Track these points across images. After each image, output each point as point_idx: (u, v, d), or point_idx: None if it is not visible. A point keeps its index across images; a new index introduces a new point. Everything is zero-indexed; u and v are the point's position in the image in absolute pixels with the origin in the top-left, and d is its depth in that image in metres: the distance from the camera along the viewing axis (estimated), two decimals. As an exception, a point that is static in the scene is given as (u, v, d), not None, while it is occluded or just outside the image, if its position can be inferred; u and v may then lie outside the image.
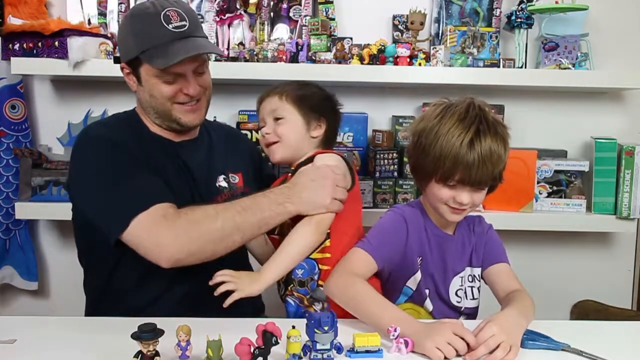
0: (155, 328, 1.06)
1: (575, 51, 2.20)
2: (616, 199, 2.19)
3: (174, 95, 1.51)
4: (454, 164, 1.38)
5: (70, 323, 1.36)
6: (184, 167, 1.57)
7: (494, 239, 1.56)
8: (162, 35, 1.45)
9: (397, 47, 2.09)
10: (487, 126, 1.39)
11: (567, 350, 1.25)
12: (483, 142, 1.37)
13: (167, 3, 1.48)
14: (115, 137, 1.50)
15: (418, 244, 1.49)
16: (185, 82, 1.51)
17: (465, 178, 1.39)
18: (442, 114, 1.43)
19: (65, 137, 2.21)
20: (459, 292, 1.52)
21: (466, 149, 1.37)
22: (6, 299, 2.32)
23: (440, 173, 1.40)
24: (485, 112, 1.42)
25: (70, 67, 2.00)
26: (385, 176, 2.16)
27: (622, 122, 2.38)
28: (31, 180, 2.11)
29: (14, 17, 2.08)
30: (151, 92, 1.52)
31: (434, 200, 1.46)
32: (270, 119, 1.57)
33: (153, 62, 1.45)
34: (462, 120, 1.39)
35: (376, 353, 1.18)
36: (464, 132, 1.38)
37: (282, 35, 2.21)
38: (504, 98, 2.31)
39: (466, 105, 1.42)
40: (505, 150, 1.42)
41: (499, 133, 1.41)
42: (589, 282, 2.37)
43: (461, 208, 1.43)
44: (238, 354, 1.08)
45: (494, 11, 2.27)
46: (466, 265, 1.53)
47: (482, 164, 1.37)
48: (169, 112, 1.53)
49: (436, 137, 1.40)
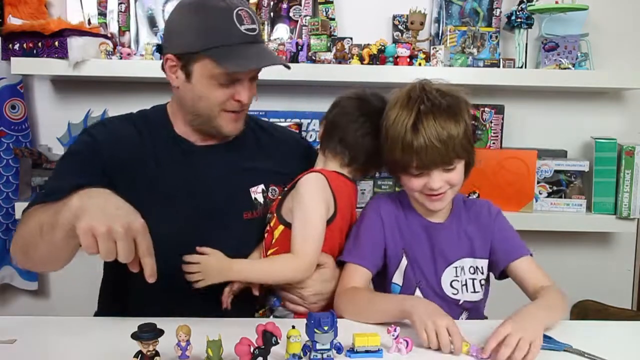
0: (155, 328, 1.06)
1: (575, 51, 2.20)
2: (616, 199, 2.19)
3: (225, 101, 1.42)
4: (404, 152, 1.35)
5: (70, 323, 1.36)
6: (194, 175, 1.47)
7: (505, 228, 1.49)
8: (233, 36, 1.36)
9: (397, 47, 2.09)
10: (431, 106, 1.35)
11: (570, 351, 1.24)
12: (425, 123, 1.34)
13: (237, 1, 1.39)
14: (98, 136, 1.46)
15: (399, 236, 1.47)
16: (240, 89, 1.42)
17: (421, 163, 1.35)
18: (390, 105, 1.41)
19: (65, 137, 2.21)
20: (455, 284, 1.47)
21: (410, 134, 1.34)
22: (6, 299, 2.32)
23: (400, 165, 1.38)
24: (428, 90, 1.38)
25: (70, 67, 2.00)
26: (385, 176, 2.16)
27: (622, 122, 2.38)
28: (31, 180, 2.11)
29: (14, 17, 2.08)
30: (201, 93, 1.42)
31: (409, 192, 1.45)
32: None
33: (222, 63, 1.36)
34: (404, 106, 1.37)
35: (376, 353, 1.18)
36: (407, 118, 1.35)
37: (282, 35, 2.21)
38: (504, 98, 2.31)
39: (408, 89, 1.40)
40: (457, 123, 1.36)
41: (444, 109, 1.36)
42: (589, 282, 2.37)
43: (437, 193, 1.39)
44: (238, 354, 1.07)
45: (494, 11, 2.27)
46: (464, 256, 1.47)
47: (431, 146, 1.33)
48: (213, 118, 1.44)
49: (386, 129, 1.39)
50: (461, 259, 1.48)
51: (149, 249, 1.12)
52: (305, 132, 2.20)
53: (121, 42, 2.18)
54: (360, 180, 1.64)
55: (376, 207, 1.49)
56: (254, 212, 1.50)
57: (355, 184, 1.55)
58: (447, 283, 1.47)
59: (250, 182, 1.52)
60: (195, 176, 1.47)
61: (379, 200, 1.52)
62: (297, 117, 2.20)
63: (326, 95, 2.30)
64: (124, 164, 1.44)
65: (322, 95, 2.30)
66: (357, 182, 1.58)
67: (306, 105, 2.28)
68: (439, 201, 1.42)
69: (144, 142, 1.49)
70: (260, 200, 1.52)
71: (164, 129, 1.51)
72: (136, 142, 1.48)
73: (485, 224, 1.49)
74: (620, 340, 1.36)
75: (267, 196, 1.53)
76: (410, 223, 1.48)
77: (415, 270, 1.47)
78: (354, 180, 1.53)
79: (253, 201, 1.51)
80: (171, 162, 1.48)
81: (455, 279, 1.47)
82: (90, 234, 1.09)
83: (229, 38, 1.36)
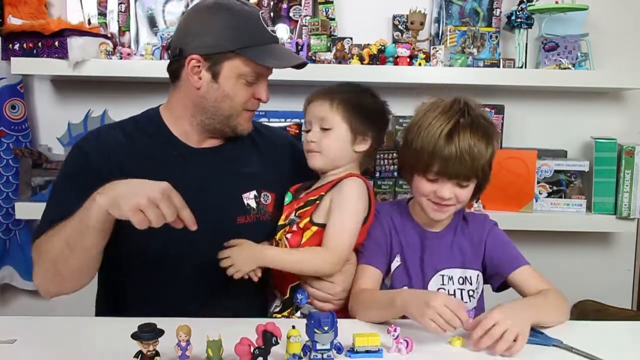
0: (155, 328, 1.06)
1: (575, 51, 2.20)
2: (616, 199, 2.19)
3: (247, 100, 1.48)
4: (431, 156, 1.39)
5: (70, 323, 1.36)
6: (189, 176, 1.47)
7: (501, 241, 1.53)
8: (265, 37, 1.44)
9: (397, 47, 2.09)
10: (470, 120, 1.40)
11: (559, 347, 1.25)
12: (462, 135, 1.38)
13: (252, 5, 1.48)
14: (90, 151, 1.46)
15: (396, 240, 1.51)
16: (261, 88, 1.49)
17: (443, 170, 1.39)
18: (427, 108, 1.45)
19: (65, 137, 2.21)
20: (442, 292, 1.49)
21: (444, 140, 1.38)
22: (6, 299, 2.32)
23: (420, 165, 1.42)
24: (470, 106, 1.43)
25: (70, 67, 2.00)
26: (385, 176, 2.16)
27: (622, 122, 2.38)
28: (31, 180, 2.11)
29: (14, 17, 2.08)
30: (227, 92, 1.45)
31: (417, 195, 1.48)
32: (317, 125, 1.50)
33: (261, 59, 1.42)
34: (444, 113, 1.41)
35: (376, 353, 1.18)
36: (444, 124, 1.39)
37: (282, 35, 2.21)
38: (504, 98, 2.31)
39: (451, 100, 1.44)
40: (487, 146, 1.41)
41: (482, 128, 1.41)
42: (589, 282, 2.37)
43: (443, 203, 1.42)
44: (238, 354, 1.08)
45: (494, 11, 2.27)
46: (454, 266, 1.50)
47: (460, 157, 1.38)
48: (235, 116, 1.48)
49: (419, 130, 1.43)
50: (451, 268, 1.50)
51: (181, 203, 1.22)
52: (305, 132, 2.20)
53: (121, 42, 2.18)
54: None
55: (376, 214, 1.53)
56: (247, 217, 1.51)
57: None
58: (434, 290, 1.49)
59: (243, 188, 1.53)
60: (191, 178, 1.47)
61: (377, 207, 1.56)
62: (297, 117, 2.20)
63: (326, 95, 2.31)
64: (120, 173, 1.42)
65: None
66: None
67: (306, 105, 2.28)
68: (441, 212, 1.45)
69: (136, 147, 1.48)
70: (252, 205, 1.53)
71: (158, 131, 1.52)
72: (128, 149, 1.48)
73: (478, 237, 1.52)
74: (620, 340, 1.36)
75: (260, 201, 1.54)
76: (407, 229, 1.52)
77: (404, 274, 1.50)
78: None
79: (246, 206, 1.52)
80: (166, 163, 1.48)
81: (442, 287, 1.49)
82: (138, 210, 1.17)
83: (261, 38, 1.44)
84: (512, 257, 1.50)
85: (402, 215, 1.54)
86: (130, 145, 1.48)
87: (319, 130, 1.50)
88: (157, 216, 1.18)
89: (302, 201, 1.51)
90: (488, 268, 1.51)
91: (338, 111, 1.48)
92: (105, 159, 1.45)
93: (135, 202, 1.18)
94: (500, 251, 1.51)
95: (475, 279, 1.50)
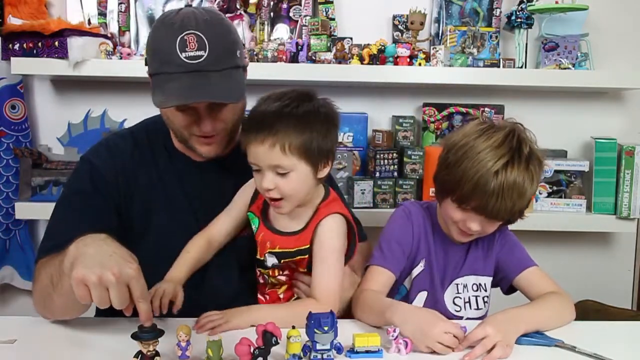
0: (155, 328, 1.06)
1: (575, 51, 2.20)
2: (616, 199, 2.19)
3: (188, 126, 1.36)
4: (473, 190, 1.32)
5: (70, 323, 1.36)
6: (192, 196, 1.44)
7: (510, 244, 1.50)
8: (173, 64, 1.28)
9: (397, 47, 2.09)
10: (519, 160, 1.33)
11: (561, 346, 1.25)
12: (509, 177, 1.31)
13: (192, 22, 1.28)
14: (99, 165, 1.42)
15: (424, 245, 1.48)
16: (200, 118, 1.34)
17: (480, 207, 1.34)
18: (479, 134, 1.36)
19: (65, 137, 2.21)
20: (457, 301, 1.49)
21: (489, 177, 1.30)
22: (6, 299, 2.32)
23: (457, 194, 1.35)
24: (523, 144, 1.35)
25: (70, 67, 1.99)
26: (385, 176, 2.16)
27: (622, 122, 2.38)
28: (31, 180, 2.11)
29: (14, 17, 2.08)
30: (166, 115, 1.39)
31: (445, 217, 1.44)
32: (270, 171, 1.28)
33: (154, 96, 1.31)
34: (496, 148, 1.33)
35: (376, 353, 1.18)
36: (493, 160, 1.31)
37: (282, 35, 2.21)
38: (504, 98, 2.31)
39: (506, 133, 1.35)
40: (532, 187, 1.35)
41: (530, 170, 1.34)
42: (589, 282, 2.37)
43: (469, 232, 1.40)
44: (238, 354, 1.07)
45: (494, 11, 2.27)
46: (469, 273, 1.49)
47: (501, 197, 1.31)
48: (186, 139, 1.40)
49: (464, 156, 1.34)
50: (464, 276, 1.49)
51: (142, 294, 1.09)
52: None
53: (121, 42, 2.17)
54: None
55: (407, 213, 1.50)
56: (243, 231, 1.47)
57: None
58: (450, 299, 1.49)
59: None
60: (192, 192, 1.45)
61: (410, 207, 1.52)
62: (297, 117, 2.20)
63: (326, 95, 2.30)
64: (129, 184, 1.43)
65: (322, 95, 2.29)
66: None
67: (306, 105, 2.28)
68: (465, 237, 1.43)
69: (144, 157, 1.46)
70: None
71: (164, 140, 1.48)
72: (136, 160, 1.45)
73: (489, 242, 1.50)
74: (620, 340, 1.36)
75: None
76: (435, 235, 1.49)
77: (426, 281, 1.48)
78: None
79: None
80: (170, 175, 1.46)
81: (457, 295, 1.49)
82: (83, 283, 1.06)
83: (169, 66, 1.29)
84: (519, 260, 1.49)
85: (432, 219, 1.50)
86: (140, 156, 1.46)
87: (274, 175, 1.28)
88: (100, 299, 1.06)
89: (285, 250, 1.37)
90: (497, 271, 1.51)
91: (293, 153, 1.26)
92: (114, 172, 1.42)
93: (83, 275, 1.06)
94: (508, 254, 1.49)
95: (489, 285, 1.50)
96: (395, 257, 1.46)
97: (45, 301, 1.29)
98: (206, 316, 1.29)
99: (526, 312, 1.33)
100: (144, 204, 1.43)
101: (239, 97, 1.36)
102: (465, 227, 1.38)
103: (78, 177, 1.45)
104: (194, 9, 1.34)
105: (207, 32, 1.29)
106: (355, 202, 2.12)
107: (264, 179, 1.28)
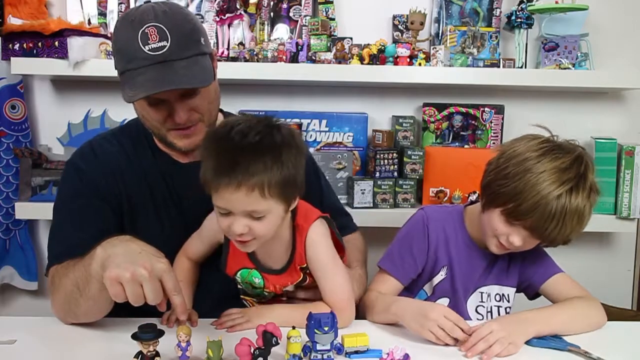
0: (155, 328, 1.06)
1: (575, 51, 2.20)
2: (616, 199, 2.19)
3: (163, 120, 1.36)
4: (530, 210, 1.28)
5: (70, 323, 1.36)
6: (177, 197, 1.45)
7: (535, 251, 1.45)
8: (137, 59, 1.27)
9: (397, 47, 2.09)
10: (584, 187, 1.31)
11: (573, 351, 1.24)
12: (573, 200, 1.28)
13: (151, 15, 1.28)
14: (86, 168, 1.42)
15: (444, 252, 1.46)
16: (172, 109, 1.33)
17: (535, 227, 1.30)
18: (545, 152, 1.33)
19: (65, 137, 2.21)
20: (480, 309, 1.47)
21: (553, 200, 1.28)
22: (6, 299, 2.32)
23: (511, 208, 1.31)
24: (589, 172, 1.33)
25: (70, 67, 1.99)
26: (385, 176, 2.16)
27: (622, 122, 2.38)
28: (31, 180, 2.11)
29: (14, 17, 2.08)
30: (142, 112, 1.39)
31: (485, 226, 1.39)
32: (242, 217, 1.20)
33: (123, 92, 1.30)
34: (562, 171, 1.30)
35: (376, 353, 1.18)
36: (558, 183, 1.28)
37: (282, 35, 2.21)
38: (504, 98, 2.31)
39: (574, 158, 1.33)
40: (589, 216, 1.34)
41: (591, 200, 1.32)
42: (589, 282, 2.35)
43: (508, 247, 1.37)
44: (238, 355, 1.08)
45: (494, 11, 2.27)
46: (494, 282, 1.47)
47: (562, 222, 1.29)
48: (164, 135, 1.40)
49: (526, 171, 1.31)
50: (489, 285, 1.48)
51: (175, 287, 1.11)
52: (305, 132, 2.20)
53: (121, 42, 2.17)
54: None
55: (424, 219, 1.47)
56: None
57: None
58: (473, 308, 1.47)
59: None
60: (179, 192, 1.45)
61: (429, 212, 1.50)
62: (297, 117, 2.20)
63: (326, 95, 2.31)
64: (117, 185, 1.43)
65: (322, 95, 2.30)
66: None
67: (306, 105, 2.28)
68: (503, 250, 1.40)
69: (129, 158, 1.46)
70: None
71: (147, 141, 1.47)
72: (123, 161, 1.45)
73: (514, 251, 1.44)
74: (620, 340, 1.36)
75: None
76: (458, 241, 1.46)
77: (448, 288, 1.47)
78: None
79: None
80: (155, 175, 1.45)
81: (481, 304, 1.48)
82: (117, 282, 1.09)
83: (133, 62, 1.28)
84: (544, 267, 1.48)
85: (456, 225, 1.47)
86: (126, 158, 1.46)
87: (248, 220, 1.20)
88: (135, 296, 1.08)
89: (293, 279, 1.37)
90: (521, 280, 1.49)
91: (272, 195, 1.18)
92: (102, 174, 1.42)
93: (117, 274, 1.08)
94: (533, 262, 1.48)
95: (512, 297, 1.49)
96: (405, 268, 1.45)
97: (70, 306, 1.28)
98: (227, 314, 1.31)
99: (540, 315, 1.31)
100: (131, 205, 1.43)
101: (205, 82, 1.32)
102: (507, 241, 1.35)
103: (69, 181, 1.46)
104: (152, 3, 1.34)
105: (167, 22, 1.28)
106: (355, 202, 2.12)
107: (235, 224, 1.20)
